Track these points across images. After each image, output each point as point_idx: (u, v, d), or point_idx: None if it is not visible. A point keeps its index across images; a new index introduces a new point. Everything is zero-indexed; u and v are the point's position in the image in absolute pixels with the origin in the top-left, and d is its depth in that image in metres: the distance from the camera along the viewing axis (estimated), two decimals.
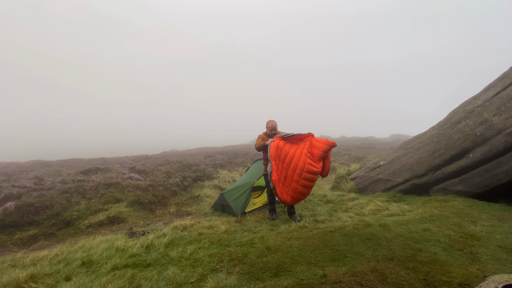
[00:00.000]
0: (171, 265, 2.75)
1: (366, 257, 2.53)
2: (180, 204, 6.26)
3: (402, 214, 3.89)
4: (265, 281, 2.27)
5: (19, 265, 3.21)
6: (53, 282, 2.64)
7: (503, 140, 4.05)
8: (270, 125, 4.46)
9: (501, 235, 2.78)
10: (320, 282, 2.15)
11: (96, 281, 2.50)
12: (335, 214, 4.51)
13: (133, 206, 5.87)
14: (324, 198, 5.90)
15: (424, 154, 5.24)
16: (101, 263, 2.97)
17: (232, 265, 2.61)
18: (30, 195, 6.20)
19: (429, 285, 2.01)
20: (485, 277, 1.85)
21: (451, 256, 2.45)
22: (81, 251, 3.51)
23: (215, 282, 2.30)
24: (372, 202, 4.71)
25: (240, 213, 4.90)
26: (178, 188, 7.29)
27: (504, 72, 5.15)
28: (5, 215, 4.93)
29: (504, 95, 4.57)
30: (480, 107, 4.86)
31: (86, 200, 6.08)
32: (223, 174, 9.72)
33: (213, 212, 5.47)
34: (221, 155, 16.31)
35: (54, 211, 5.28)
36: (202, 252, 3.03)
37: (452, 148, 4.73)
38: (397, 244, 2.73)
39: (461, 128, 4.85)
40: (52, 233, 4.65)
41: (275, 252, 2.78)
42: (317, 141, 4.15)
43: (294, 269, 2.41)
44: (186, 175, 8.52)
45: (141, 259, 2.99)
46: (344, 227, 3.36)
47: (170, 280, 2.42)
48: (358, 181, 6.39)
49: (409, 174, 5.25)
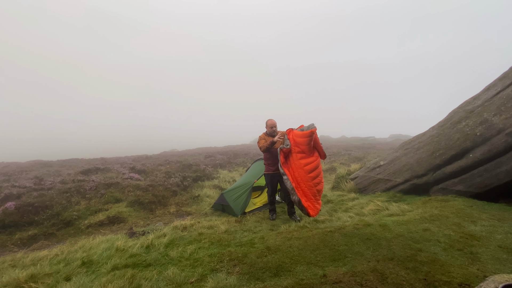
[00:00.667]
0: (171, 265, 2.75)
1: (366, 257, 2.53)
2: (180, 204, 6.26)
3: (402, 214, 3.89)
4: (265, 281, 2.27)
5: (19, 265, 3.21)
6: (53, 282, 2.64)
7: (503, 140, 4.05)
8: (270, 123, 4.45)
9: (501, 235, 2.78)
10: (320, 282, 2.15)
11: (96, 281, 2.50)
12: (335, 214, 4.51)
13: (133, 206, 5.87)
14: (324, 198, 5.90)
15: (424, 154, 5.24)
16: (101, 263, 2.97)
17: (232, 265, 2.61)
18: (30, 195, 6.20)
19: (429, 285, 2.01)
20: (485, 277, 1.86)
21: (451, 256, 2.44)
22: (81, 251, 3.51)
23: (215, 282, 2.30)
24: (372, 202, 4.71)
25: (240, 213, 4.90)
26: (178, 188, 7.29)
27: (504, 72, 5.15)
28: (5, 215, 4.93)
29: (504, 95, 4.57)
30: (480, 107, 4.86)
31: (86, 200, 6.08)
32: (223, 174, 9.72)
33: (213, 212, 5.47)
34: (221, 155, 16.32)
35: (54, 211, 5.29)
36: (202, 252, 3.03)
37: (452, 148, 4.73)
38: (397, 244, 2.73)
39: (461, 128, 4.85)
40: (52, 233, 4.65)
41: (275, 252, 2.78)
42: (297, 136, 4.05)
43: (294, 269, 2.41)
44: (186, 175, 8.53)
45: (141, 259, 2.99)
46: (344, 227, 3.36)
47: (170, 280, 2.42)
48: (358, 181, 6.38)
49: (409, 174, 5.25)
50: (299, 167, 3.95)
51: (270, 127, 4.44)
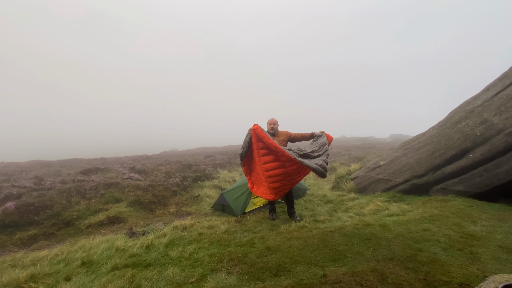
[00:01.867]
0: (171, 265, 2.75)
1: (366, 257, 2.53)
2: (180, 204, 6.25)
3: (402, 214, 3.89)
4: (265, 281, 2.27)
5: (19, 265, 3.21)
6: (53, 282, 2.64)
7: (503, 140, 4.05)
8: (269, 121, 4.46)
9: (501, 235, 2.78)
10: (320, 282, 2.15)
11: (96, 281, 2.50)
12: (335, 214, 4.51)
13: (133, 206, 5.87)
14: (324, 198, 5.90)
15: (424, 154, 5.24)
16: (101, 263, 2.97)
17: (232, 265, 2.61)
18: (30, 195, 6.20)
19: (429, 285, 2.01)
20: (485, 277, 1.86)
21: (451, 256, 2.44)
22: (81, 251, 3.51)
23: (215, 282, 2.30)
24: (372, 202, 4.71)
25: (240, 213, 4.90)
26: (178, 188, 7.29)
27: (504, 72, 5.15)
28: (5, 215, 4.93)
29: (504, 95, 4.57)
30: (480, 107, 4.86)
31: (86, 200, 6.08)
32: (223, 174, 9.72)
33: (213, 212, 5.47)
34: (221, 155, 16.31)
35: (54, 211, 5.29)
36: (202, 252, 3.03)
37: (452, 148, 4.73)
38: (397, 244, 2.73)
39: (461, 128, 4.85)
40: (52, 233, 4.65)
41: (275, 252, 2.78)
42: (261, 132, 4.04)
43: (294, 269, 2.41)
44: (186, 175, 8.52)
45: (141, 259, 2.99)
46: (344, 227, 3.36)
47: (170, 280, 2.42)
48: (358, 181, 6.38)
49: (409, 174, 5.25)
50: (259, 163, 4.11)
51: (269, 124, 4.44)
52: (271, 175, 4.00)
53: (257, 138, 4.03)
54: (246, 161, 4.38)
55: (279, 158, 3.96)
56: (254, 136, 4.05)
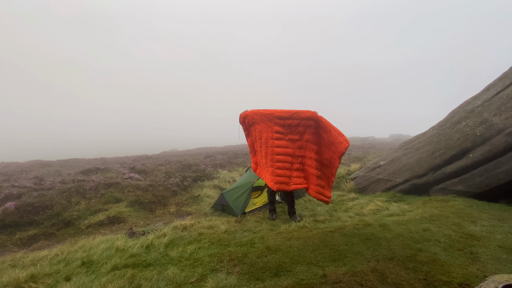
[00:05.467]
0: (171, 265, 2.75)
1: (366, 257, 2.53)
2: (180, 204, 6.25)
3: (402, 214, 3.89)
4: (265, 281, 2.27)
5: (19, 265, 3.21)
6: (53, 282, 2.64)
7: (503, 140, 4.05)
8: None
9: (501, 235, 2.78)
10: (320, 282, 2.15)
11: (96, 281, 2.50)
12: (335, 214, 4.51)
13: (133, 206, 5.87)
14: None
15: (424, 154, 5.24)
16: (101, 263, 2.97)
17: (232, 265, 2.61)
18: (30, 195, 6.20)
19: (429, 285, 2.01)
20: (485, 277, 1.85)
21: (451, 256, 2.44)
22: (81, 251, 3.51)
23: (215, 282, 2.30)
24: (372, 202, 4.71)
25: (240, 213, 4.90)
26: (178, 188, 7.29)
27: (504, 72, 5.16)
28: (5, 215, 4.93)
29: (504, 95, 4.58)
30: (480, 107, 4.86)
31: (86, 200, 6.08)
32: (223, 174, 9.71)
33: (213, 212, 5.47)
34: (221, 155, 16.30)
35: (54, 211, 5.28)
36: (202, 252, 3.02)
37: (452, 148, 4.73)
38: (397, 244, 2.73)
39: (461, 128, 4.85)
40: (52, 233, 4.65)
41: (275, 252, 2.78)
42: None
43: (294, 269, 2.41)
44: (186, 175, 8.52)
45: (141, 259, 2.98)
46: (344, 227, 3.36)
47: (170, 280, 2.42)
48: (358, 181, 6.38)
49: (409, 174, 5.25)
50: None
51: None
52: (279, 158, 3.95)
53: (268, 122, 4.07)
54: (251, 142, 4.33)
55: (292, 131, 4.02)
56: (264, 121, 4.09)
